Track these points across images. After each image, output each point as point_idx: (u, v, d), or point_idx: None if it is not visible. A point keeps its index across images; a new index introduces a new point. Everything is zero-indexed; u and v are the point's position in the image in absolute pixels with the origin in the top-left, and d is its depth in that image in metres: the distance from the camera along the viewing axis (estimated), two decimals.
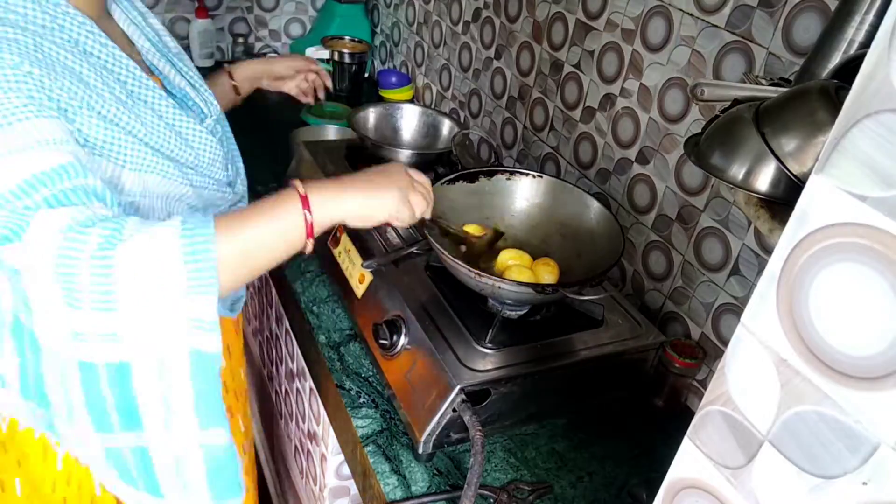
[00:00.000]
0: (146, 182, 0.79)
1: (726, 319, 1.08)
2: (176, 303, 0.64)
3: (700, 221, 1.11)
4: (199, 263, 0.64)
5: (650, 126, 1.19)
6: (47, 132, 0.66)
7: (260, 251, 0.70)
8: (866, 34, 0.62)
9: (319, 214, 0.74)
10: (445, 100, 1.88)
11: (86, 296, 0.62)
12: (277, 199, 0.73)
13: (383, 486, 0.90)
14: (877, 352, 0.36)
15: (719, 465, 0.47)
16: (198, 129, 0.88)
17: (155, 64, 0.89)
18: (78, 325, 0.64)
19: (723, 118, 0.68)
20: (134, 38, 0.88)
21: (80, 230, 0.63)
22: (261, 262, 0.71)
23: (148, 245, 0.63)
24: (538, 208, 1.15)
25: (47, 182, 0.64)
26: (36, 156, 0.64)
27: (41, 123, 0.66)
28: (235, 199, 0.97)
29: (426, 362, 0.95)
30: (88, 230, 0.63)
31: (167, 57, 0.91)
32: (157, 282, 0.63)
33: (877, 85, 0.35)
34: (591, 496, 0.93)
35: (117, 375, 0.68)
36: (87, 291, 0.62)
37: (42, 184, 0.64)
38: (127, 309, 0.63)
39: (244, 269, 0.70)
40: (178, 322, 0.65)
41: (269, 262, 0.73)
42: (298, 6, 2.23)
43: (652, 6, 1.15)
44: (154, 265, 0.63)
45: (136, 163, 0.77)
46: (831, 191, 0.38)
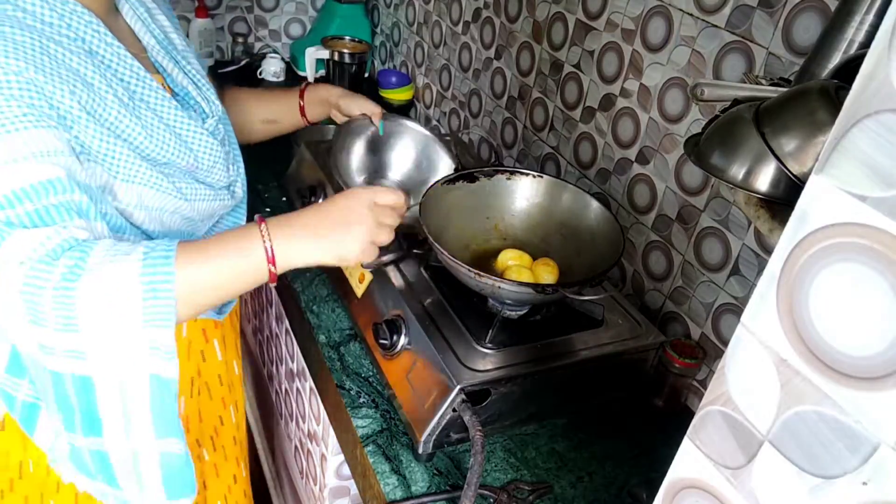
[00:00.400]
0: (140, 194, 0.79)
1: (726, 319, 1.08)
2: (134, 332, 0.66)
3: (700, 221, 1.11)
4: (158, 300, 0.66)
5: (650, 126, 1.19)
6: (42, 144, 0.67)
7: (220, 289, 0.72)
8: (866, 34, 0.62)
9: (281, 263, 0.74)
10: (445, 100, 1.88)
11: (49, 319, 0.64)
12: (241, 239, 0.73)
13: (383, 486, 0.90)
14: (877, 352, 0.36)
15: (719, 465, 0.47)
16: (199, 130, 0.88)
17: (159, 61, 0.89)
18: (43, 339, 0.66)
19: (723, 118, 0.68)
20: (140, 35, 0.88)
21: (47, 261, 0.64)
22: (220, 296, 0.73)
23: (109, 280, 0.65)
24: (538, 208, 1.15)
25: (33, 197, 0.65)
26: (26, 168, 0.65)
27: (38, 134, 0.67)
28: (234, 204, 0.96)
29: (426, 362, 0.95)
30: (54, 262, 0.64)
31: (171, 55, 0.91)
32: (116, 313, 0.65)
33: (877, 85, 0.35)
34: (591, 496, 0.93)
35: (82, 387, 0.70)
36: (51, 316, 0.64)
37: (28, 198, 0.65)
38: (88, 332, 0.65)
39: (201, 303, 0.72)
40: (137, 348, 0.67)
41: (229, 296, 0.75)
42: (298, 6, 2.23)
43: (652, 6, 1.15)
44: (113, 299, 0.65)
45: (129, 175, 0.78)
46: (831, 191, 0.38)
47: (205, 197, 0.89)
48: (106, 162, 0.75)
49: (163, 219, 0.83)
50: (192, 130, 0.87)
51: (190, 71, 0.93)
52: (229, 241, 0.73)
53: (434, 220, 1.02)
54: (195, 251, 0.70)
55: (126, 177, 0.77)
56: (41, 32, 0.71)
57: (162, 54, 0.90)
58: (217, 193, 0.91)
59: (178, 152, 0.84)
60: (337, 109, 1.18)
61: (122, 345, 0.67)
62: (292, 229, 0.75)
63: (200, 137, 0.88)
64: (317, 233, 0.76)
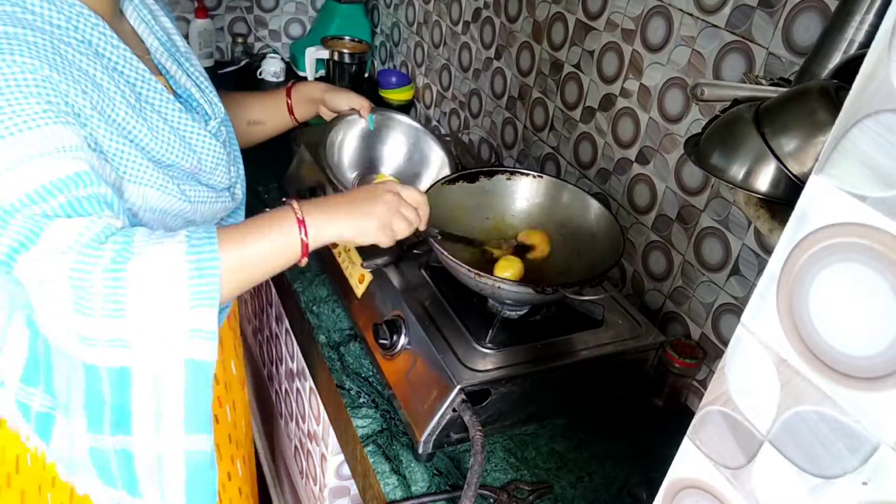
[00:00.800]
0: (146, 195, 0.80)
1: (726, 319, 1.08)
2: (179, 313, 0.68)
3: (700, 221, 1.11)
4: (204, 279, 0.68)
5: (650, 126, 1.19)
6: (64, 139, 0.68)
7: (258, 266, 0.75)
8: (866, 34, 0.62)
9: (313, 236, 0.77)
10: (445, 100, 1.88)
11: (97, 305, 0.65)
12: (275, 217, 0.76)
13: (383, 486, 0.90)
14: (877, 352, 0.36)
15: (719, 465, 0.47)
16: (202, 133, 0.88)
17: (163, 63, 0.90)
18: (86, 330, 0.66)
19: (723, 118, 0.68)
20: (144, 37, 0.89)
21: (94, 245, 0.65)
22: (257, 275, 0.76)
23: (157, 260, 0.67)
24: (538, 208, 1.15)
25: (63, 189, 0.66)
26: (53, 162, 0.66)
27: (58, 130, 0.68)
28: (234, 206, 0.97)
29: (426, 362, 0.95)
30: (102, 246, 0.66)
31: (174, 57, 0.91)
32: (164, 294, 0.67)
33: (877, 85, 0.35)
34: (591, 496, 0.93)
35: (118, 379, 0.71)
36: (99, 301, 0.65)
37: (59, 190, 0.66)
38: (135, 317, 0.67)
39: (242, 281, 0.74)
40: (179, 331, 0.69)
41: (265, 275, 0.77)
42: (298, 6, 2.23)
43: (652, 6, 1.15)
44: (162, 279, 0.67)
45: (136, 176, 0.79)
46: (831, 191, 0.38)
47: (207, 199, 0.89)
48: (115, 161, 0.76)
49: (165, 221, 0.84)
50: (195, 132, 0.87)
51: (193, 73, 0.93)
52: (264, 220, 0.76)
53: (434, 220, 1.02)
54: (234, 231, 0.73)
55: (133, 178, 0.78)
56: (51, 34, 0.72)
57: (165, 56, 0.90)
58: (219, 195, 0.92)
59: (182, 154, 0.85)
60: (324, 105, 1.18)
61: (166, 328, 0.68)
62: (322, 206, 0.80)
63: (203, 139, 0.88)
64: (345, 210, 0.81)
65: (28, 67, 0.67)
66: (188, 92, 0.91)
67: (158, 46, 0.89)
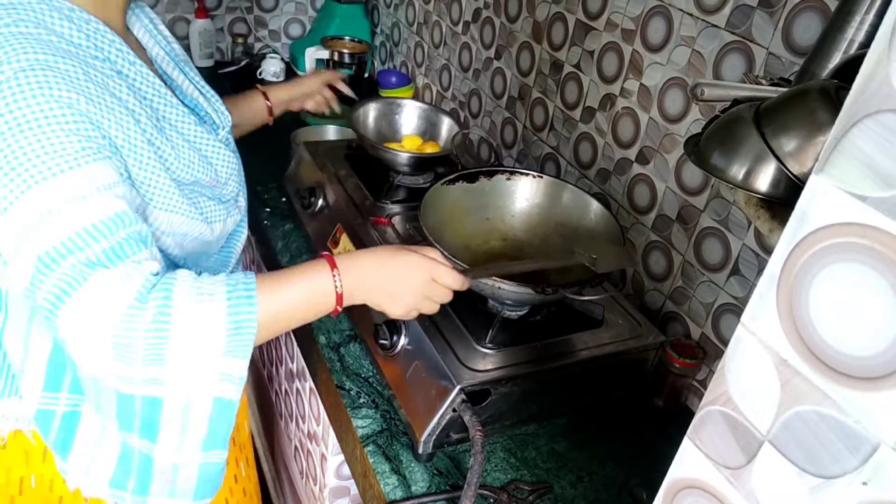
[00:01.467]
0: (171, 221, 0.80)
1: (726, 319, 1.08)
2: (214, 361, 0.71)
3: (700, 221, 1.11)
4: (240, 335, 0.70)
5: (650, 126, 1.19)
6: (103, 177, 0.67)
7: (291, 321, 0.78)
8: (866, 34, 0.62)
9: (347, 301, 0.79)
10: (445, 100, 1.88)
11: (138, 356, 0.67)
12: (315, 279, 0.77)
13: (383, 486, 0.90)
14: (877, 352, 0.36)
15: (719, 465, 0.47)
16: (216, 144, 0.88)
17: (168, 73, 0.89)
18: (125, 373, 0.68)
19: (723, 118, 0.68)
20: (148, 47, 0.88)
21: (136, 305, 0.66)
22: (290, 326, 0.79)
23: (198, 321, 0.68)
24: (538, 208, 1.15)
25: (105, 233, 0.66)
26: (94, 204, 0.66)
27: (98, 167, 0.67)
28: (240, 217, 0.96)
29: (426, 362, 0.95)
30: (144, 305, 0.66)
31: (178, 65, 0.90)
32: (202, 347, 0.69)
33: (877, 85, 0.35)
34: (591, 496, 0.93)
35: (150, 405, 0.78)
36: (140, 353, 0.67)
37: (101, 234, 0.66)
38: (173, 364, 0.69)
39: (273, 332, 0.77)
40: (211, 374, 0.72)
41: (296, 326, 0.80)
42: (298, 6, 2.23)
43: (652, 6, 1.15)
44: (201, 336, 0.69)
45: (164, 202, 0.78)
46: (831, 191, 0.38)
47: (220, 217, 0.88)
48: (143, 187, 0.75)
49: (185, 243, 0.84)
50: (210, 144, 0.87)
51: (197, 81, 0.92)
52: (303, 279, 0.77)
53: (434, 221, 1.02)
54: (274, 286, 0.74)
55: (162, 204, 0.77)
56: (77, 57, 0.70)
57: (171, 66, 0.89)
58: (228, 209, 0.90)
59: (202, 169, 0.84)
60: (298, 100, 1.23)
61: (200, 372, 0.71)
62: (358, 277, 0.79)
63: (217, 150, 0.88)
64: (376, 284, 0.80)
65: (66, 102, 0.66)
66: (195, 101, 0.90)
67: (164, 56, 0.89)
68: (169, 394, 0.75)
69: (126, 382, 0.69)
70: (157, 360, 0.68)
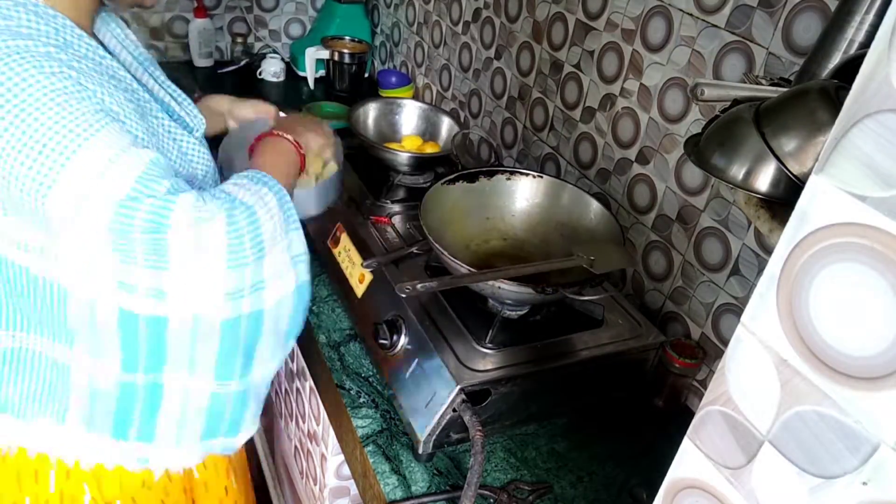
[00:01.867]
0: None
1: (726, 319, 1.08)
2: (283, 244, 0.80)
3: (700, 221, 1.11)
4: (286, 207, 0.81)
5: (650, 126, 1.19)
6: (126, 136, 0.71)
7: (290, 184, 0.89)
8: (866, 34, 0.62)
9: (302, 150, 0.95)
10: (445, 100, 1.88)
11: (249, 254, 0.75)
12: (277, 149, 0.92)
13: (383, 486, 0.90)
14: (877, 352, 0.36)
15: (719, 465, 0.47)
16: (192, 141, 0.89)
17: (139, 78, 0.88)
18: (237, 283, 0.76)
19: (723, 118, 0.68)
20: (116, 52, 0.87)
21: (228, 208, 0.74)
22: None
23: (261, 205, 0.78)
24: (538, 208, 1.15)
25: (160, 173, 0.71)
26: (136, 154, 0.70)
27: (115, 128, 0.70)
28: None
29: (426, 362, 0.95)
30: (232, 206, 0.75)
31: (149, 71, 0.90)
32: (277, 230, 0.79)
33: (877, 85, 0.35)
34: (591, 496, 0.93)
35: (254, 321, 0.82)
36: (249, 249, 0.75)
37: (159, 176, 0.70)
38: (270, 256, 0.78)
39: None
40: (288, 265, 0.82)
41: None
42: (298, 6, 2.23)
43: (652, 6, 1.15)
44: (271, 219, 0.78)
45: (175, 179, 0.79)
46: (831, 191, 0.38)
47: None
48: None
49: None
50: (186, 140, 0.88)
51: (168, 85, 0.92)
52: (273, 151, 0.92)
53: (434, 221, 1.02)
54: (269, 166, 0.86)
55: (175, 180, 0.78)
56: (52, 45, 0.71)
57: (140, 70, 0.89)
58: None
59: (180, 162, 0.85)
60: (231, 117, 1.15)
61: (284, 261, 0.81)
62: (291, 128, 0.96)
63: (194, 147, 0.89)
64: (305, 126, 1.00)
65: (61, 76, 0.67)
66: (166, 105, 0.90)
67: (132, 61, 0.88)
68: (269, 298, 0.81)
69: (235, 299, 0.76)
70: (260, 254, 0.76)
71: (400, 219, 1.23)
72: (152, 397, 0.83)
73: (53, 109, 0.65)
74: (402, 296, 0.85)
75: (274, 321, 0.83)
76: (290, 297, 0.83)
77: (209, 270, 0.73)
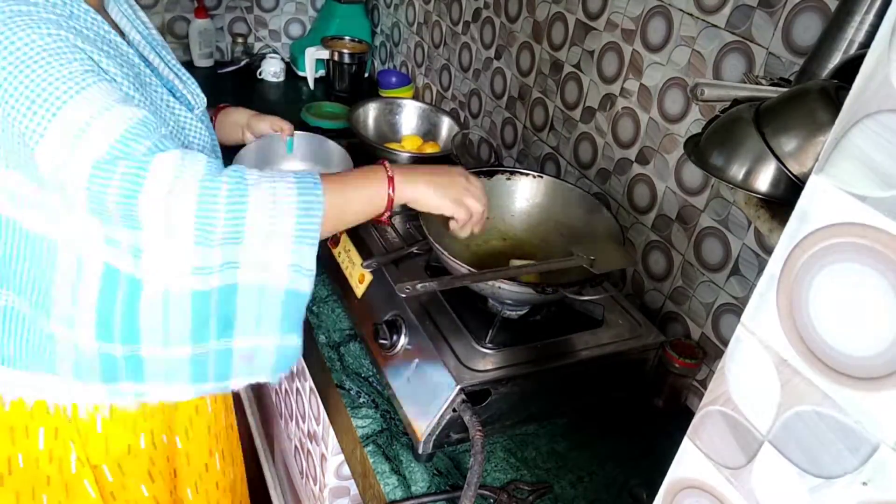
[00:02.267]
0: None
1: (726, 319, 1.08)
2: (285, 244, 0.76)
3: (700, 221, 1.11)
4: (308, 218, 0.76)
5: (650, 126, 1.19)
6: (116, 93, 0.73)
7: (350, 214, 0.85)
8: (866, 34, 0.62)
9: (399, 194, 0.87)
10: (445, 100, 1.88)
11: (218, 234, 0.73)
12: (368, 174, 0.86)
13: (383, 486, 0.90)
14: (877, 352, 0.36)
15: (719, 465, 0.47)
16: (190, 116, 0.92)
17: (146, 56, 0.91)
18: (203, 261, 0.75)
19: (723, 118, 0.68)
20: (126, 31, 0.90)
21: (211, 178, 0.72)
22: (347, 221, 0.86)
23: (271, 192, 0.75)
24: (538, 208, 1.15)
25: (145, 132, 0.72)
26: (122, 112, 0.71)
27: (106, 86, 0.72)
28: None
29: (426, 362, 0.95)
30: (219, 178, 0.72)
31: (156, 50, 0.93)
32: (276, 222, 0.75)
33: (877, 85, 0.35)
34: (592, 496, 0.93)
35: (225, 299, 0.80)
36: (220, 231, 0.73)
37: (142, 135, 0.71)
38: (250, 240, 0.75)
39: (335, 225, 0.84)
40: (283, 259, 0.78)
41: (352, 223, 0.87)
42: (298, 6, 2.23)
43: (652, 6, 1.15)
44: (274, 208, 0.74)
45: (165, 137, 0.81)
46: (831, 191, 0.38)
47: None
48: None
49: None
50: (184, 116, 0.91)
51: (174, 65, 0.95)
52: (359, 173, 0.87)
53: (434, 221, 1.02)
54: (333, 179, 0.82)
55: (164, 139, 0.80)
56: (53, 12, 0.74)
57: (148, 49, 0.91)
58: None
59: (177, 133, 0.88)
60: (248, 130, 1.19)
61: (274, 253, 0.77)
62: (407, 170, 0.89)
63: (192, 123, 0.92)
64: (425, 178, 0.90)
65: (58, 37, 0.71)
66: (171, 83, 0.93)
67: (140, 40, 0.91)
68: (244, 278, 0.79)
69: (203, 275, 0.75)
70: (235, 238, 0.74)
71: (400, 219, 1.23)
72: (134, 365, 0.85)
73: (46, 65, 0.69)
74: (402, 296, 0.85)
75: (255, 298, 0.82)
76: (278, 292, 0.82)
77: (177, 241, 0.73)
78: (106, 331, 0.81)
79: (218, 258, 0.75)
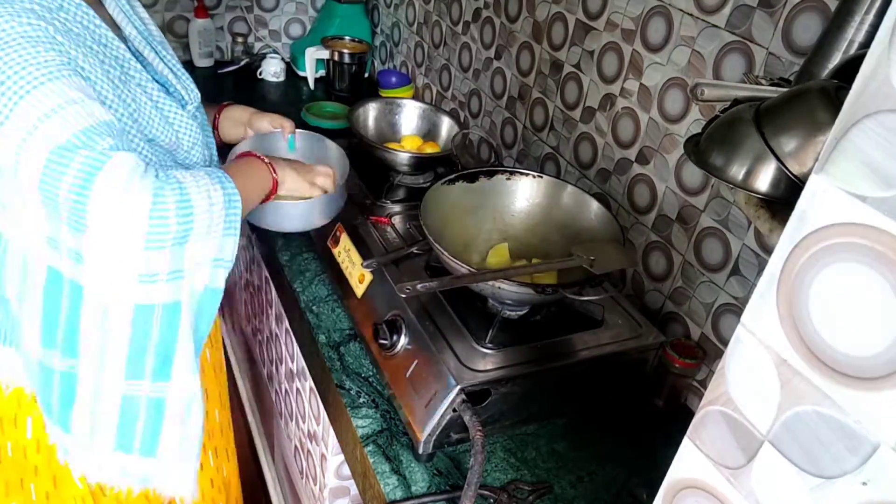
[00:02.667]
0: None
1: (726, 319, 1.08)
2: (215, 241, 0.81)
3: (700, 221, 1.11)
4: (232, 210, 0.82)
5: (650, 126, 1.19)
6: (86, 89, 0.74)
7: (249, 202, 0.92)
8: (866, 34, 0.62)
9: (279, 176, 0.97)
10: (445, 100, 1.88)
11: (169, 236, 0.75)
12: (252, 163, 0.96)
13: (383, 486, 0.90)
14: (877, 352, 0.36)
15: (719, 465, 0.47)
16: (180, 113, 0.93)
17: (140, 51, 0.92)
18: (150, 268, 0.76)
19: (723, 118, 0.68)
20: (122, 25, 0.90)
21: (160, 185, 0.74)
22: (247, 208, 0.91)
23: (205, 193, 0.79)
24: (538, 208, 1.15)
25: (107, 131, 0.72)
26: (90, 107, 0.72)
27: (78, 81, 0.73)
28: None
29: (426, 362, 0.95)
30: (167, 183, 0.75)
31: (151, 45, 0.93)
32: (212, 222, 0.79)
33: (877, 85, 0.35)
34: (591, 496, 0.93)
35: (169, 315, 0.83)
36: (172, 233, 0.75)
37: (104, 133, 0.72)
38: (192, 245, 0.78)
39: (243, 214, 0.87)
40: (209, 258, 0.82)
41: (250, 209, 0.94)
42: (298, 6, 2.23)
43: (652, 6, 1.15)
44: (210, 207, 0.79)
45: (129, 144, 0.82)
46: (831, 191, 0.38)
47: None
48: None
49: None
50: (173, 111, 0.92)
51: (169, 60, 0.96)
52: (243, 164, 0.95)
53: (434, 221, 1.02)
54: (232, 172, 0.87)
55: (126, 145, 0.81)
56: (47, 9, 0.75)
57: (143, 44, 0.92)
58: None
59: (162, 129, 0.89)
60: (249, 128, 1.20)
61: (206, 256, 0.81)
62: (272, 158, 1.00)
63: (182, 119, 0.93)
64: (286, 163, 1.02)
65: (37, 27, 0.71)
66: (165, 78, 0.94)
67: (136, 35, 0.91)
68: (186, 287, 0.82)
69: (150, 282, 0.77)
70: (183, 238, 0.76)
71: (400, 219, 1.23)
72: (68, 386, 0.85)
73: (21, 50, 0.70)
74: (402, 296, 0.85)
75: (191, 320, 0.85)
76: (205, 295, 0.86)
77: (125, 244, 0.74)
78: (50, 337, 0.83)
79: (165, 263, 0.77)
